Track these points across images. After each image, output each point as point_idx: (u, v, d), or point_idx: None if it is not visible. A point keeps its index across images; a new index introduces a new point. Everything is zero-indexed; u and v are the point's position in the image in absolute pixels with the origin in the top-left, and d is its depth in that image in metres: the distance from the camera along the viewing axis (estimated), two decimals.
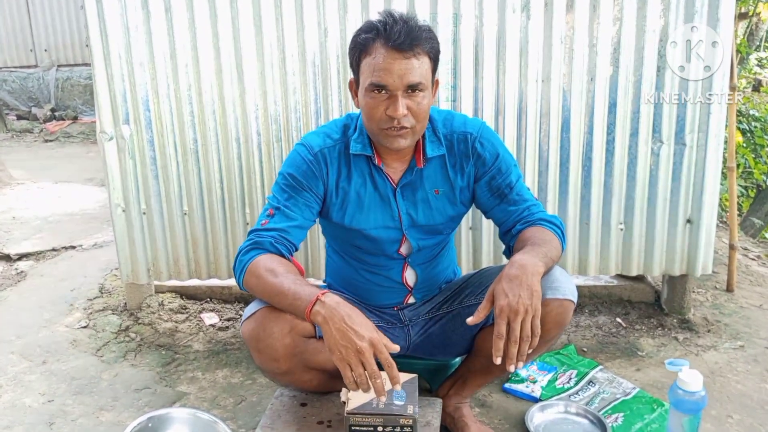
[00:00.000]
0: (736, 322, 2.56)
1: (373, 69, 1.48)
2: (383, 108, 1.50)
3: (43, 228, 4.03)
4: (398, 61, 1.46)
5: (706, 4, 2.20)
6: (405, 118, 1.50)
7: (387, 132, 1.53)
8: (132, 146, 2.39)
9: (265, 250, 1.54)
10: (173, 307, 2.67)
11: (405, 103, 1.49)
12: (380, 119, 1.52)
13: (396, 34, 1.44)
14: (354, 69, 1.57)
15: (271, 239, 1.56)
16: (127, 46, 2.29)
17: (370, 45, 1.49)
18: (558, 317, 1.54)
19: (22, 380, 2.21)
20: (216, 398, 2.09)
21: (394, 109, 1.49)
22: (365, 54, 1.50)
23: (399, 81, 1.47)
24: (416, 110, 1.51)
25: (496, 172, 1.67)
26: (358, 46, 1.52)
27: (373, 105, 1.51)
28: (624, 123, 2.31)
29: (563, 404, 1.95)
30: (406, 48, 1.45)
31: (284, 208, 1.60)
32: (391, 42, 1.45)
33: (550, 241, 1.56)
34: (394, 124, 1.51)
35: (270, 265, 1.50)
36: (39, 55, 9.31)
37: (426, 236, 1.73)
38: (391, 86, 1.48)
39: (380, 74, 1.47)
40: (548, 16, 2.23)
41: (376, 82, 1.48)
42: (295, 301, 1.41)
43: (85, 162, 6.62)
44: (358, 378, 1.33)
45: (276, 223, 1.59)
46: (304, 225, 1.63)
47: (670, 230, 2.41)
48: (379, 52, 1.47)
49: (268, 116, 2.36)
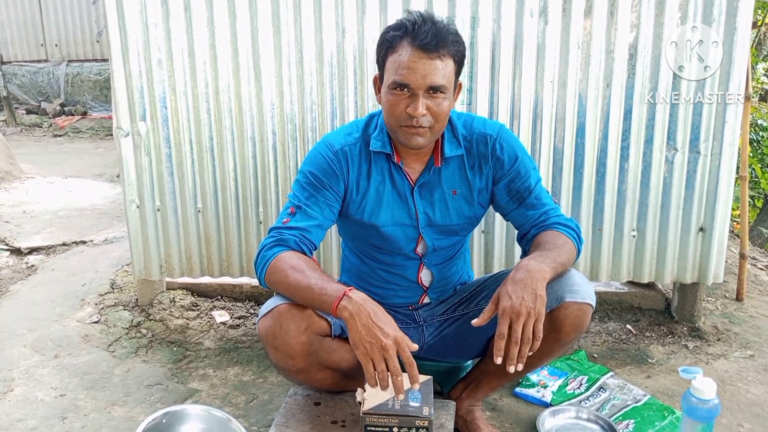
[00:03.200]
0: (746, 331, 2.56)
1: (397, 67, 1.50)
2: (404, 106, 1.52)
3: (54, 222, 4.05)
4: (423, 60, 1.47)
5: (724, 12, 2.20)
6: (424, 118, 1.52)
7: (405, 129, 1.55)
8: (148, 143, 2.40)
9: (288, 247, 1.56)
10: (184, 304, 2.68)
11: (425, 103, 1.50)
12: (400, 116, 1.53)
13: (423, 33, 1.46)
14: (379, 65, 1.58)
15: (294, 238, 1.57)
16: (145, 42, 2.31)
17: (397, 42, 1.50)
18: (576, 320, 1.55)
19: (34, 374, 2.22)
20: (227, 396, 2.10)
21: (414, 108, 1.50)
22: (391, 51, 1.52)
23: (422, 81, 1.48)
24: (436, 111, 1.52)
25: (515, 175, 1.68)
26: (386, 43, 1.54)
27: (394, 102, 1.53)
28: (639, 130, 2.32)
29: (574, 410, 1.95)
30: (431, 49, 1.47)
31: (305, 207, 1.62)
32: (417, 41, 1.46)
33: (562, 246, 1.57)
34: (412, 122, 1.52)
35: (295, 262, 1.51)
36: (49, 50, 9.35)
37: (442, 236, 1.74)
38: (413, 85, 1.49)
39: (404, 72, 1.48)
40: (566, 22, 2.24)
41: (399, 80, 1.50)
42: (322, 296, 1.43)
43: (94, 157, 6.65)
44: (380, 374, 1.34)
45: (297, 221, 1.60)
46: (325, 224, 1.64)
47: (683, 238, 2.41)
48: (405, 51, 1.48)
49: (284, 116, 2.37)
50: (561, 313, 1.55)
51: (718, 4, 2.18)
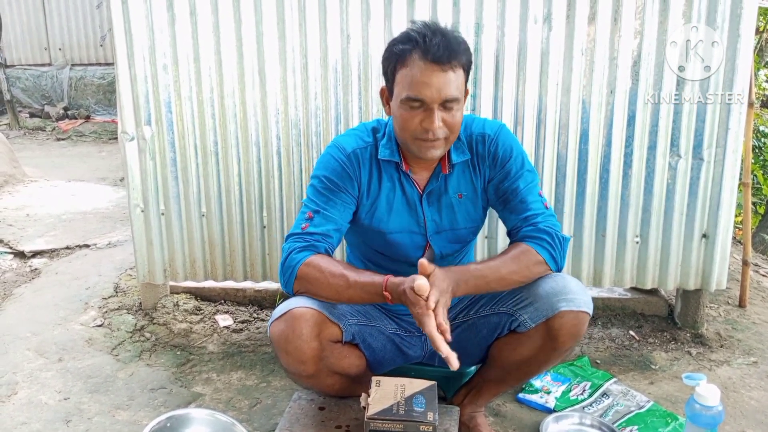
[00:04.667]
0: (749, 338, 2.56)
1: (410, 82, 1.48)
2: (419, 120, 1.51)
3: (57, 226, 4.06)
4: (436, 74, 1.46)
5: (727, 19, 2.21)
6: (440, 130, 1.51)
7: (420, 142, 1.54)
8: (153, 147, 2.41)
9: (317, 251, 1.57)
10: (188, 308, 2.69)
11: (441, 115, 1.50)
12: (415, 130, 1.52)
13: (435, 47, 1.45)
14: (388, 78, 1.57)
15: (322, 244, 1.58)
16: (151, 48, 2.32)
17: (407, 56, 1.49)
18: (573, 329, 1.55)
19: (38, 377, 2.22)
20: (231, 400, 2.10)
21: (430, 122, 1.49)
22: (401, 65, 1.50)
23: (437, 95, 1.47)
24: (451, 122, 1.52)
25: (504, 176, 1.66)
26: (394, 56, 1.52)
27: (408, 117, 1.52)
28: (642, 136, 2.32)
29: (578, 415, 1.95)
30: (444, 61, 1.46)
31: (323, 211, 1.61)
32: (429, 55, 1.45)
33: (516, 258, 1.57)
34: (428, 136, 1.52)
35: (330, 263, 1.55)
36: (53, 54, 9.38)
37: (449, 243, 1.74)
38: (428, 100, 1.48)
39: (418, 88, 1.47)
40: (570, 28, 2.24)
41: (413, 96, 1.48)
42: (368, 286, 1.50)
43: (97, 161, 6.66)
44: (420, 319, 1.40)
45: (316, 226, 1.59)
46: (342, 228, 1.65)
47: (686, 244, 2.42)
48: (417, 65, 1.47)
49: (288, 121, 2.37)
50: (557, 322, 1.55)
51: (721, 12, 2.19)
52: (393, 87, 1.55)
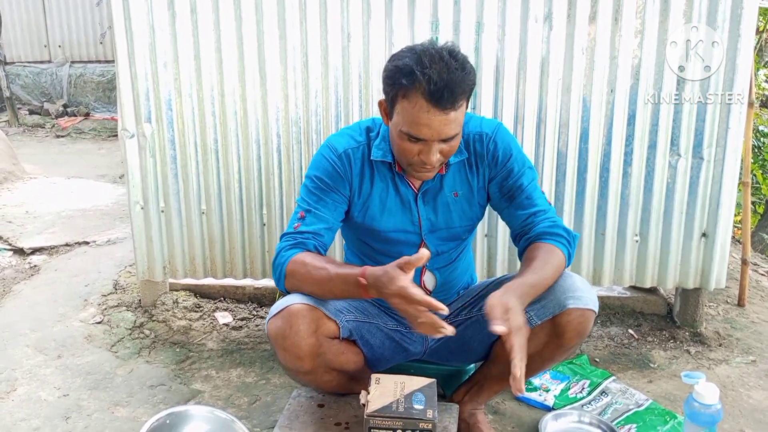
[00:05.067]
0: (748, 336, 2.56)
1: (411, 120, 1.46)
2: (416, 151, 1.52)
3: (56, 223, 4.05)
4: (438, 117, 1.44)
5: (728, 19, 2.21)
6: (437, 162, 1.54)
7: (416, 168, 1.56)
8: (153, 144, 2.41)
9: (306, 249, 1.59)
10: (187, 305, 2.69)
11: (439, 147, 1.51)
12: (412, 158, 1.54)
13: (438, 91, 1.41)
14: (388, 100, 1.54)
15: (311, 240, 1.59)
16: (151, 45, 2.32)
17: (410, 92, 1.45)
18: (579, 326, 1.56)
19: (37, 374, 2.22)
20: (230, 397, 2.10)
21: (428, 156, 1.51)
22: (403, 97, 1.47)
23: (437, 135, 1.48)
24: (449, 151, 1.54)
25: (507, 173, 1.67)
26: (396, 86, 1.48)
27: (407, 147, 1.52)
28: (642, 135, 2.32)
29: (577, 414, 1.96)
30: (447, 106, 1.44)
31: (315, 210, 1.63)
32: (433, 99, 1.42)
33: (549, 261, 1.56)
34: (425, 166, 1.54)
35: (314, 259, 1.55)
36: (53, 51, 9.35)
37: (444, 241, 1.75)
38: (428, 138, 1.48)
39: (419, 128, 1.46)
40: (570, 28, 2.25)
41: (414, 135, 1.48)
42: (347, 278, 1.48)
43: (96, 158, 6.65)
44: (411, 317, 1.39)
45: (308, 225, 1.61)
46: (334, 226, 1.66)
47: (685, 243, 2.42)
48: (419, 104, 1.44)
49: (288, 119, 2.37)
50: (563, 319, 1.56)
51: (722, 12, 2.19)
52: (393, 110, 1.53)
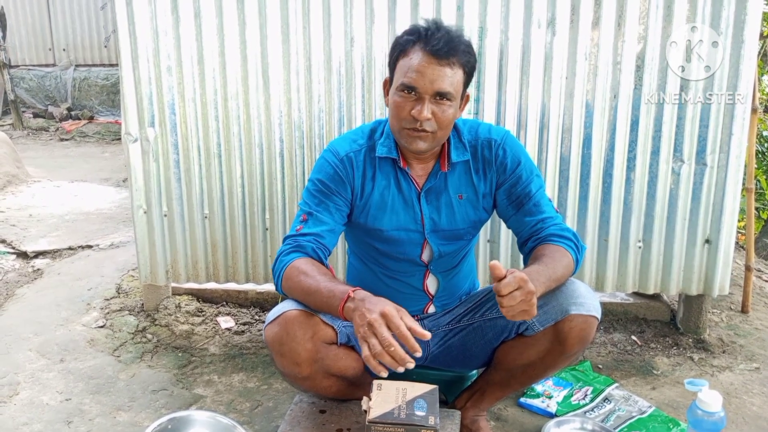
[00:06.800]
0: (752, 343, 2.55)
1: (406, 70, 1.53)
2: (409, 108, 1.54)
3: (60, 226, 4.06)
4: (432, 66, 1.50)
5: (732, 25, 2.21)
6: (427, 122, 1.54)
7: (408, 131, 1.57)
8: (156, 149, 2.42)
9: (305, 253, 1.59)
10: (190, 310, 2.69)
11: (431, 107, 1.53)
12: (404, 118, 1.55)
13: (436, 40, 1.50)
14: (391, 68, 1.61)
15: (311, 244, 1.60)
16: (155, 49, 2.32)
17: (409, 47, 1.54)
18: (582, 333, 1.55)
19: (39, 378, 2.22)
20: (232, 402, 2.10)
21: (419, 111, 1.52)
22: (403, 54, 1.55)
23: (429, 86, 1.51)
24: (440, 117, 1.54)
25: (516, 180, 1.68)
26: (398, 46, 1.57)
27: (400, 104, 1.55)
28: (645, 141, 2.32)
29: (579, 420, 1.95)
30: (442, 55, 1.50)
31: (316, 213, 1.64)
32: (429, 47, 1.50)
33: (559, 260, 1.56)
34: (416, 125, 1.54)
35: (307, 267, 1.54)
36: (57, 54, 9.40)
37: (447, 242, 1.75)
38: (420, 89, 1.51)
39: (412, 76, 1.51)
40: (573, 33, 2.25)
41: (407, 83, 1.52)
42: (330, 300, 1.45)
43: (100, 162, 6.67)
44: (372, 349, 1.31)
45: (310, 228, 1.62)
46: (336, 229, 1.67)
47: (689, 249, 2.41)
48: (416, 55, 1.52)
49: (291, 123, 2.38)
50: (566, 326, 1.55)
51: (725, 17, 2.19)
52: (393, 75, 1.59)
